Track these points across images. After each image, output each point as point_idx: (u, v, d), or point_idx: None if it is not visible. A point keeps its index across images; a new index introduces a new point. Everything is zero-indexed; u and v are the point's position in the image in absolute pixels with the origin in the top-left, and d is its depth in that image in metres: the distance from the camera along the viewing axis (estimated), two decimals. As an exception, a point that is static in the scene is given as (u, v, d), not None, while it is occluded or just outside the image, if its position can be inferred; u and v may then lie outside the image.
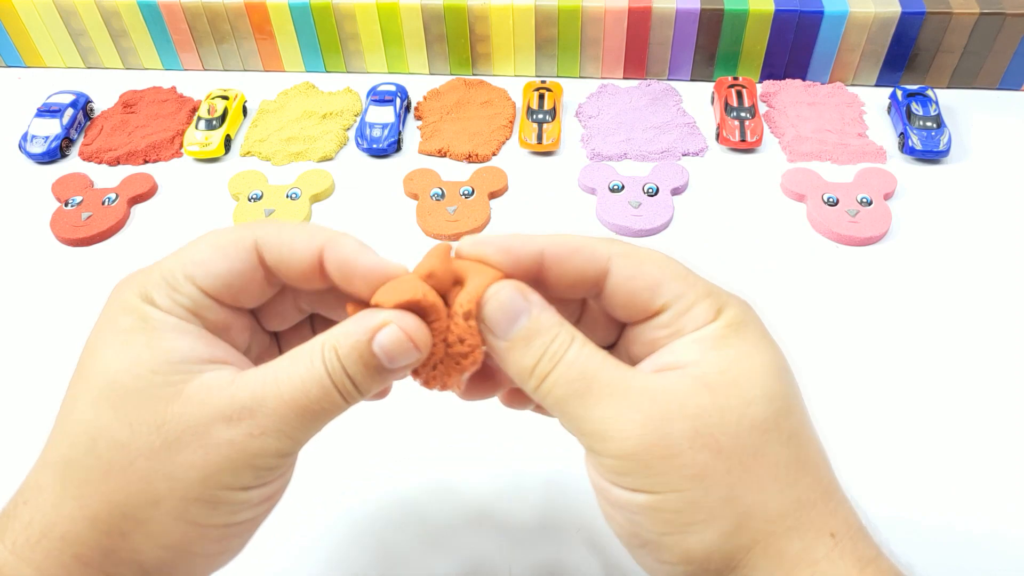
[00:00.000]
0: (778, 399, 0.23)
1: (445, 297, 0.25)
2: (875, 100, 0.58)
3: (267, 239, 0.25)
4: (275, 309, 0.27)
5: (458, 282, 0.25)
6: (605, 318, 0.27)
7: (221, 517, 0.23)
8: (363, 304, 0.25)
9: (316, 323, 0.29)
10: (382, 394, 0.27)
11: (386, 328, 0.23)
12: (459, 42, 0.60)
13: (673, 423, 0.22)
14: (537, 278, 0.25)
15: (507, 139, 0.56)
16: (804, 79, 0.60)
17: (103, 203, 0.51)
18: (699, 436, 0.22)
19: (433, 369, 0.25)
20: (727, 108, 0.55)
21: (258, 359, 0.27)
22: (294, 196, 0.51)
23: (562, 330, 0.24)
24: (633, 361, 0.25)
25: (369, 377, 0.24)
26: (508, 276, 0.24)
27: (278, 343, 0.29)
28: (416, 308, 0.24)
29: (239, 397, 0.23)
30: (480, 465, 0.37)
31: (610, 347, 0.27)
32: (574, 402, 0.23)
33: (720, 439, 0.22)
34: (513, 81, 0.61)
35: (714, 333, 0.24)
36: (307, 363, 0.23)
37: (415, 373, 0.25)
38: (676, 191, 0.51)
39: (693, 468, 0.22)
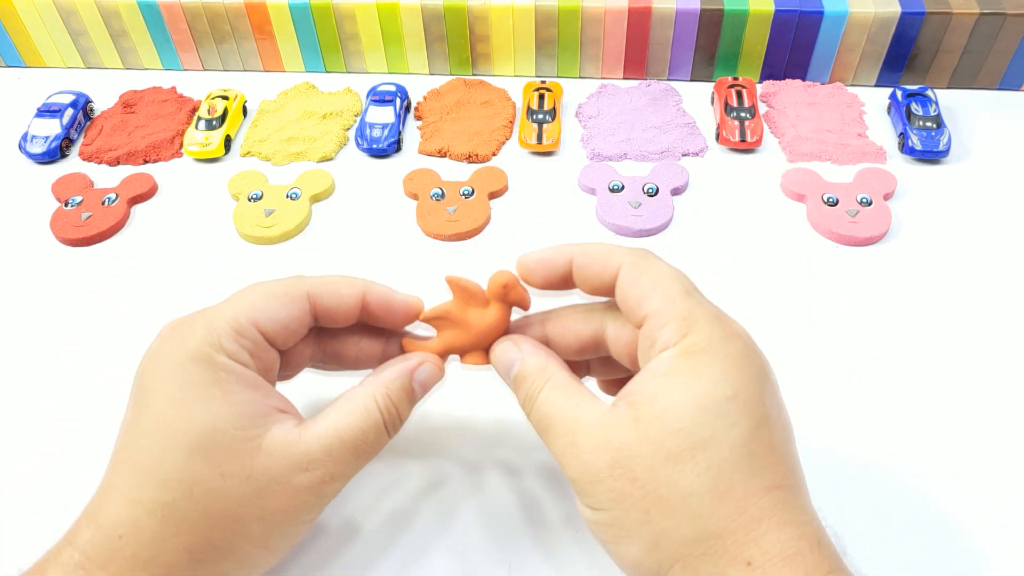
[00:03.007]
0: (698, 431, 0.25)
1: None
2: (875, 100, 0.58)
3: (318, 289, 0.30)
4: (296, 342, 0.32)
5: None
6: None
7: (291, 541, 0.30)
8: (416, 339, 0.33)
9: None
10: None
11: (423, 366, 0.31)
12: (459, 42, 0.60)
13: (600, 455, 0.26)
14: (569, 282, 0.31)
15: (507, 139, 0.56)
16: (804, 79, 0.60)
17: (103, 203, 0.51)
18: (618, 466, 0.26)
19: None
20: (727, 108, 0.55)
21: (266, 372, 0.31)
22: (294, 196, 0.51)
23: (539, 376, 0.29)
24: (644, 363, 0.28)
25: (410, 406, 0.31)
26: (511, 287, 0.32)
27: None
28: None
29: (312, 452, 0.28)
30: (480, 466, 0.37)
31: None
32: (542, 434, 0.29)
33: (636, 469, 0.25)
34: (513, 81, 0.61)
35: (666, 360, 0.27)
36: (363, 413, 0.29)
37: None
38: (676, 191, 0.51)
39: (612, 493, 0.26)
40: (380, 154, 0.55)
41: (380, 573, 0.33)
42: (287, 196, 0.51)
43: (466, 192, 0.51)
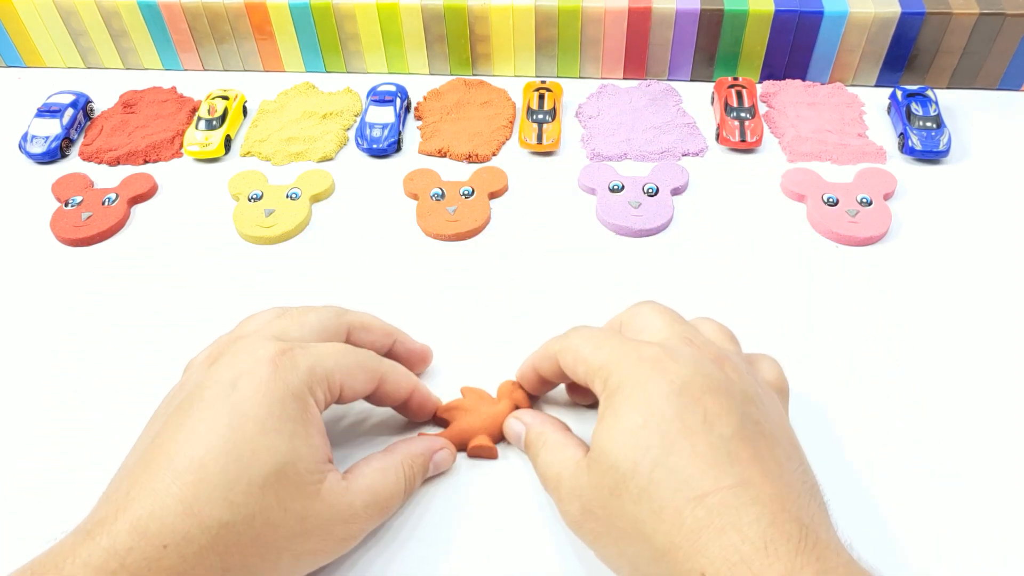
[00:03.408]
0: (623, 463, 0.28)
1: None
2: (875, 100, 0.58)
3: (388, 376, 0.34)
4: None
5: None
6: None
7: (307, 572, 0.31)
8: (440, 420, 0.38)
9: None
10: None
11: (443, 451, 0.35)
12: (459, 42, 0.60)
13: (573, 503, 0.30)
14: (545, 382, 0.36)
15: (507, 139, 0.56)
16: (804, 79, 0.60)
17: (103, 203, 0.51)
18: (585, 510, 0.29)
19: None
20: (727, 108, 0.55)
21: None
22: (294, 196, 0.51)
23: (537, 440, 0.33)
24: None
25: (423, 478, 0.35)
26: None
27: None
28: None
29: (355, 505, 0.31)
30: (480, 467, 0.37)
31: None
32: (545, 490, 0.32)
33: (596, 510, 0.29)
34: (513, 81, 0.61)
35: (601, 410, 0.30)
36: (395, 477, 0.32)
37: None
38: (676, 191, 0.51)
39: (590, 534, 0.29)
40: (380, 154, 0.55)
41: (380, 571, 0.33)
42: (287, 196, 0.51)
43: (466, 192, 0.51)
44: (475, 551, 0.33)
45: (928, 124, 0.53)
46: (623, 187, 0.50)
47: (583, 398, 0.38)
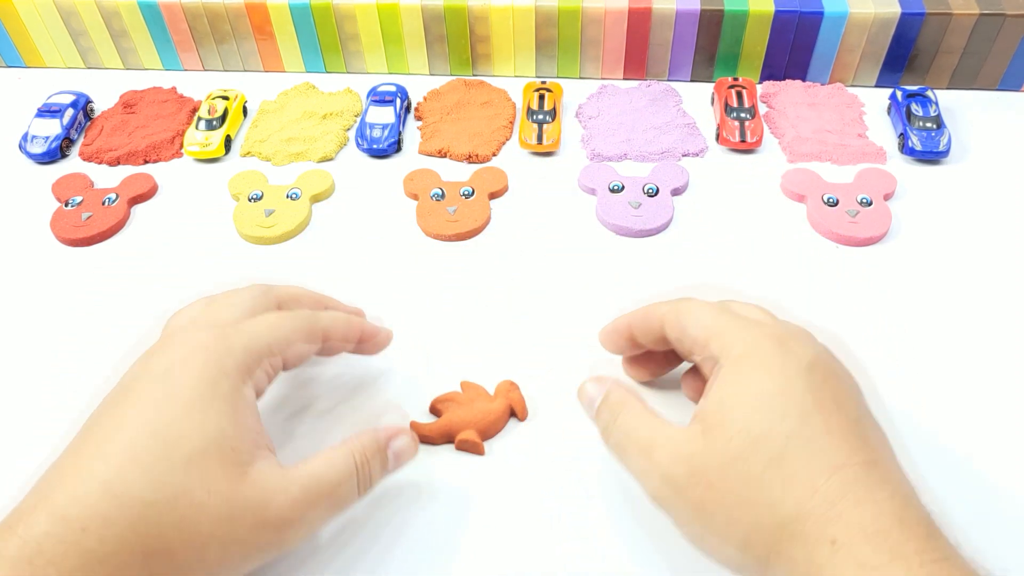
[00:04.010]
0: (754, 428, 0.28)
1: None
2: (875, 101, 0.58)
3: (331, 331, 0.34)
4: None
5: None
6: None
7: (237, 572, 0.29)
8: (422, 424, 0.37)
9: None
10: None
11: (399, 437, 0.33)
12: (459, 42, 0.60)
13: (677, 467, 0.29)
14: (631, 343, 0.36)
15: (507, 139, 0.56)
16: (804, 80, 0.60)
17: (103, 203, 0.51)
18: (693, 475, 0.28)
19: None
20: (727, 109, 0.55)
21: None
22: (294, 196, 0.51)
23: (618, 405, 0.32)
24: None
25: (382, 471, 0.32)
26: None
27: None
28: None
29: (291, 490, 0.29)
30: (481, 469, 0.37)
31: None
32: (621, 457, 0.32)
33: (710, 476, 0.28)
34: (513, 82, 0.61)
35: (719, 375, 0.30)
36: (342, 464, 0.30)
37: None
38: (676, 191, 0.51)
39: (693, 501, 0.28)
40: (380, 154, 0.55)
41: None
42: (287, 196, 0.51)
43: (466, 192, 0.51)
44: (465, 548, 0.34)
45: (928, 124, 0.53)
46: (623, 187, 0.50)
47: (642, 371, 0.38)
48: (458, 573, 0.33)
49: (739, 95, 0.56)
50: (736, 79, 0.57)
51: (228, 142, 0.56)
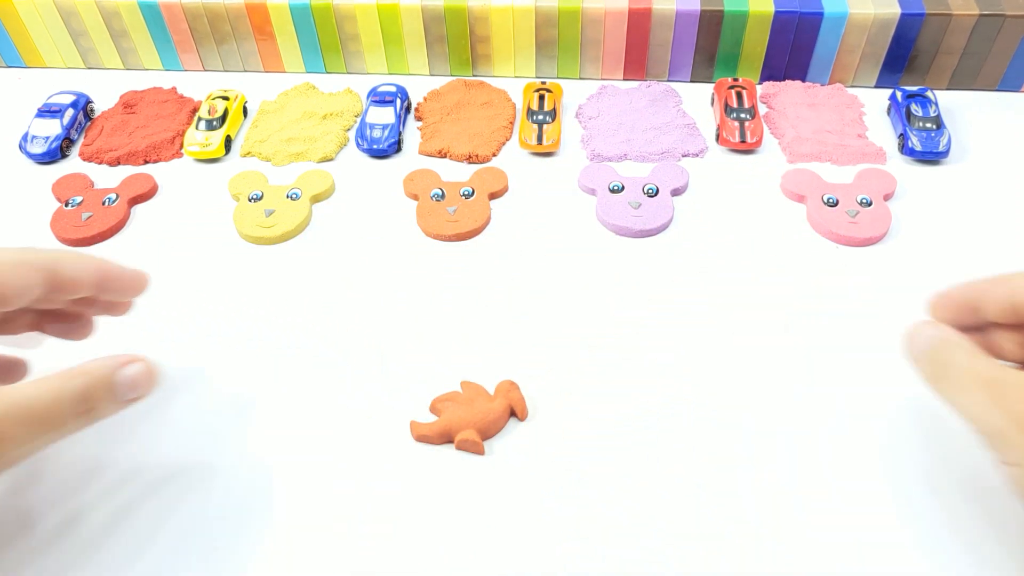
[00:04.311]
0: None
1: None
2: (875, 101, 0.58)
3: (62, 262, 0.32)
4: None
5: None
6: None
7: None
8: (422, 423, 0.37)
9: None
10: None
11: (132, 364, 0.31)
12: (459, 43, 0.60)
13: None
14: (971, 313, 0.33)
15: (507, 140, 0.56)
16: (804, 80, 0.60)
17: (103, 203, 0.51)
18: None
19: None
20: (727, 109, 0.55)
21: None
22: (294, 196, 0.51)
23: (956, 346, 0.31)
24: None
25: (110, 400, 0.31)
26: None
27: None
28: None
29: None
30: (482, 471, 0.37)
31: None
32: (955, 395, 0.31)
33: None
34: (513, 82, 0.61)
35: None
36: (57, 386, 0.29)
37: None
38: (676, 192, 0.51)
39: None
40: (380, 155, 0.55)
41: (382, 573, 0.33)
42: (287, 196, 0.51)
43: (466, 192, 0.51)
44: (465, 548, 0.34)
45: (928, 125, 0.53)
46: (623, 188, 0.50)
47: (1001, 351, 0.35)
48: (458, 573, 0.33)
49: (739, 95, 0.56)
50: (736, 80, 0.57)
51: (228, 142, 0.56)
